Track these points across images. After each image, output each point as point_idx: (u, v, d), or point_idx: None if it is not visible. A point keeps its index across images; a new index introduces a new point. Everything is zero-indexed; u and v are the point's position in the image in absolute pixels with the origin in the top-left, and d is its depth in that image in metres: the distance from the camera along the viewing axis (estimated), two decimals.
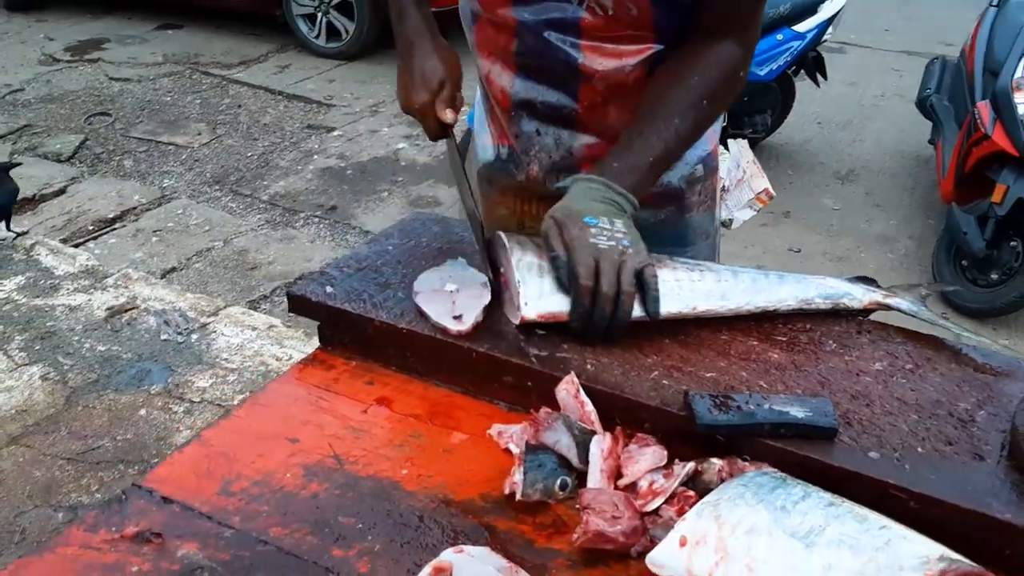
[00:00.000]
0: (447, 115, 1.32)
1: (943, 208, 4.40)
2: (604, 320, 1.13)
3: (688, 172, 1.48)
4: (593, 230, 1.15)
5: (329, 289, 1.27)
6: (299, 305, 1.27)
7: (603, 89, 1.35)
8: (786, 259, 4.37)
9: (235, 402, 2.93)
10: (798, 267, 4.30)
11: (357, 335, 1.23)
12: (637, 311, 1.15)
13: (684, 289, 1.19)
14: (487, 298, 1.21)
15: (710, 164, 1.52)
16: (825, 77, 5.20)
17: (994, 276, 3.86)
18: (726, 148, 1.60)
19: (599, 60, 1.33)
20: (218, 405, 2.94)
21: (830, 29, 4.90)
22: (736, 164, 1.60)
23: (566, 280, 1.15)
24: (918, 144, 5.46)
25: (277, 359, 3.16)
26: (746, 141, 1.65)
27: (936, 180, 4.61)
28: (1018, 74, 3.82)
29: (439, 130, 1.35)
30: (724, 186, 1.58)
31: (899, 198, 5.01)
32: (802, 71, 5.13)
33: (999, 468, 0.97)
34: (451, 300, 1.20)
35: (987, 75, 4.20)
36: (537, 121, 1.43)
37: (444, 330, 1.17)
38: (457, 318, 1.17)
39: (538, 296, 1.16)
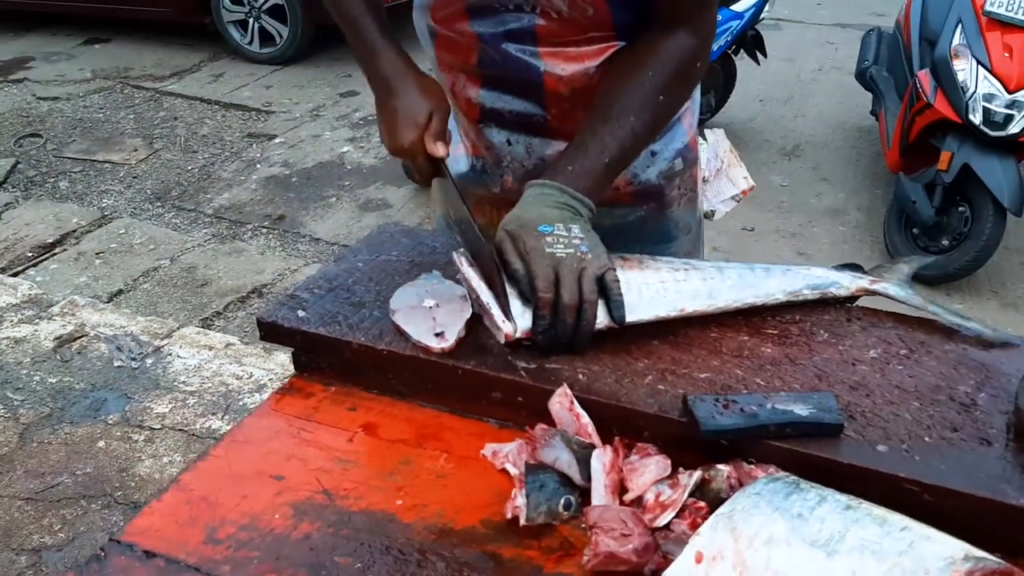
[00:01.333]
0: (438, 149, 1.23)
1: (889, 178, 4.45)
2: (568, 332, 1.09)
3: (666, 167, 1.44)
4: (549, 239, 1.11)
5: (301, 313, 1.21)
6: (270, 332, 1.21)
7: (569, 94, 1.31)
8: (740, 238, 4.39)
9: (197, 426, 2.85)
10: (752, 246, 4.32)
11: (335, 360, 1.18)
12: (602, 318, 1.11)
13: (670, 291, 1.16)
14: (468, 312, 1.16)
15: (689, 157, 1.48)
16: (765, 55, 5.23)
17: (945, 242, 3.92)
18: (704, 138, 1.57)
19: (561, 66, 1.29)
20: (180, 431, 2.85)
21: (767, 7, 4.92)
22: (715, 154, 1.57)
23: (527, 293, 1.11)
24: (859, 116, 5.52)
25: (237, 378, 3.08)
26: (723, 130, 1.62)
27: (880, 151, 4.66)
28: (955, 42, 3.86)
29: (431, 168, 1.27)
30: (704, 177, 1.55)
31: (845, 171, 5.06)
32: (742, 50, 5.15)
33: (1008, 452, 0.95)
34: (431, 317, 1.15)
35: (924, 44, 4.24)
36: (507, 131, 1.39)
37: (426, 349, 1.12)
38: (439, 335, 1.12)
39: (521, 313, 1.12)
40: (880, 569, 0.77)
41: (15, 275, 4.10)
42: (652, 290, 1.15)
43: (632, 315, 1.11)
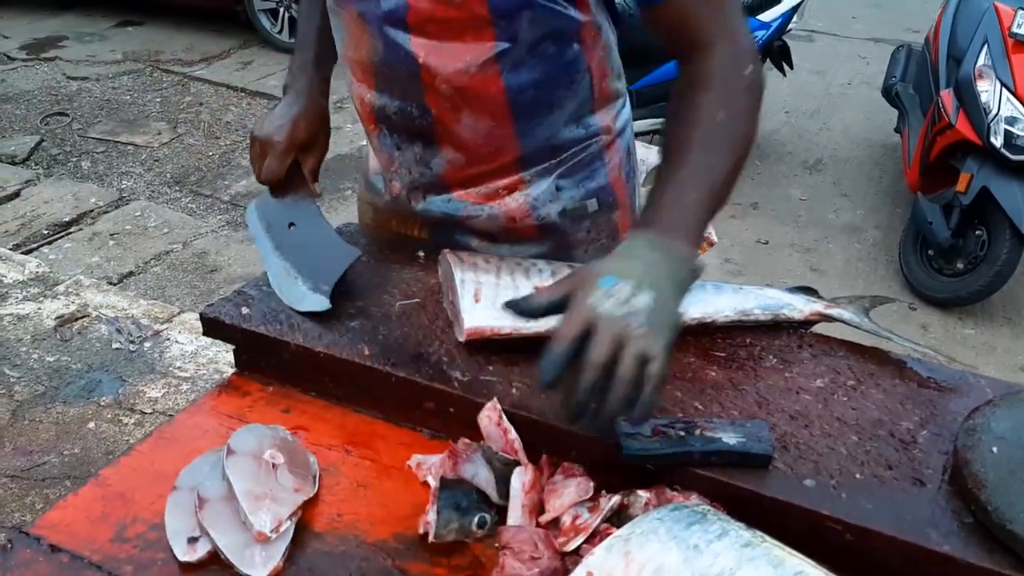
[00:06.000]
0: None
1: (909, 197, 4.37)
2: (586, 401, 0.84)
3: (572, 206, 1.34)
4: (600, 292, 0.87)
5: (245, 310, 1.20)
6: (213, 328, 1.21)
7: (450, 94, 1.20)
8: (754, 251, 4.33)
9: None
10: (765, 259, 4.26)
11: (274, 359, 1.16)
12: None
13: None
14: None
15: (607, 200, 1.35)
16: (791, 66, 5.16)
17: (960, 265, 3.84)
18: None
19: (439, 61, 1.18)
20: (170, 416, 2.84)
21: (795, 18, 4.85)
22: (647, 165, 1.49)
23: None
24: (885, 132, 5.44)
25: (232, 366, 3.08)
26: (656, 148, 1.54)
27: (902, 169, 4.58)
28: (980, 62, 3.78)
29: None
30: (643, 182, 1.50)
31: (866, 187, 4.98)
32: (768, 60, 5.09)
33: (940, 495, 0.91)
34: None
35: (951, 63, 4.16)
36: (396, 135, 1.31)
37: (360, 352, 1.10)
38: (192, 540, 0.91)
39: (470, 308, 1.10)
40: None
41: (29, 252, 4.14)
42: None
43: None
